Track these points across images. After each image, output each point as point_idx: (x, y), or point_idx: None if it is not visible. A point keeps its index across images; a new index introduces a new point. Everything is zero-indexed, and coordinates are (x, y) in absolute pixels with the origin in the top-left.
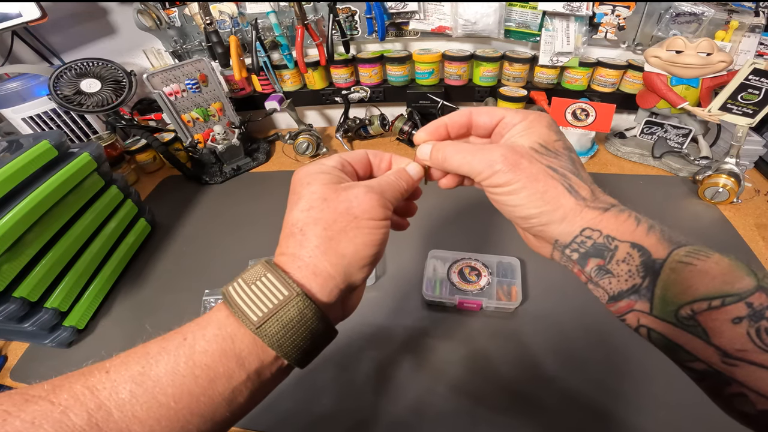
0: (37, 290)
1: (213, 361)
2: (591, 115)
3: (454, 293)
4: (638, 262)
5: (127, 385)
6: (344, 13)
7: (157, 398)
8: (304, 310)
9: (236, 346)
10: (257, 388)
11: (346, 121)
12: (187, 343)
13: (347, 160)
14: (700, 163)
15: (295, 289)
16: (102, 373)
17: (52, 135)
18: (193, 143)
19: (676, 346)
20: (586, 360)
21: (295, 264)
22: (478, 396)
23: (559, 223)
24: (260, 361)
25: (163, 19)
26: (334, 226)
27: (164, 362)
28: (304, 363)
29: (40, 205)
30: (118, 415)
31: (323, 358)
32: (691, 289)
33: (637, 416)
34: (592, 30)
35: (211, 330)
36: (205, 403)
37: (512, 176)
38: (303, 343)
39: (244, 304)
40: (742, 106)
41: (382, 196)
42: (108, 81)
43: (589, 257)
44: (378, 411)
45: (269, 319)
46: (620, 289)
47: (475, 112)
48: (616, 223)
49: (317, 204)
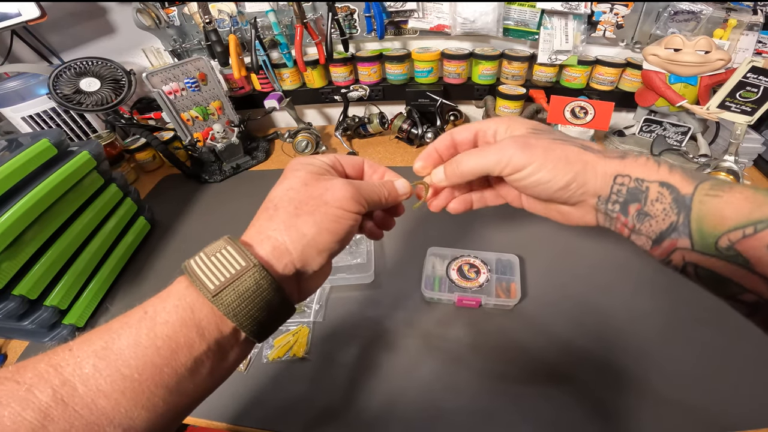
0: (36, 288)
1: (174, 331)
2: (590, 113)
3: (453, 290)
4: (670, 200)
5: (91, 359)
6: (343, 12)
7: (120, 371)
8: (260, 281)
9: (196, 316)
10: (219, 360)
11: (346, 120)
12: (148, 315)
13: (341, 161)
14: (698, 161)
15: (252, 260)
16: (65, 351)
17: (51, 133)
18: (193, 142)
19: (724, 279)
20: (585, 357)
21: (259, 237)
22: (476, 394)
23: (594, 178)
24: (219, 331)
25: (162, 18)
26: (304, 207)
27: (126, 336)
28: (261, 335)
29: (39, 203)
30: (82, 389)
31: (322, 355)
32: (723, 220)
33: (638, 413)
34: (590, 28)
35: (171, 301)
36: (169, 374)
37: (529, 153)
38: (259, 314)
39: (202, 274)
40: (740, 104)
41: (358, 192)
42: (107, 80)
43: (629, 204)
44: (376, 408)
45: (226, 288)
46: (660, 230)
47: (455, 132)
48: (638, 165)
49: (297, 186)
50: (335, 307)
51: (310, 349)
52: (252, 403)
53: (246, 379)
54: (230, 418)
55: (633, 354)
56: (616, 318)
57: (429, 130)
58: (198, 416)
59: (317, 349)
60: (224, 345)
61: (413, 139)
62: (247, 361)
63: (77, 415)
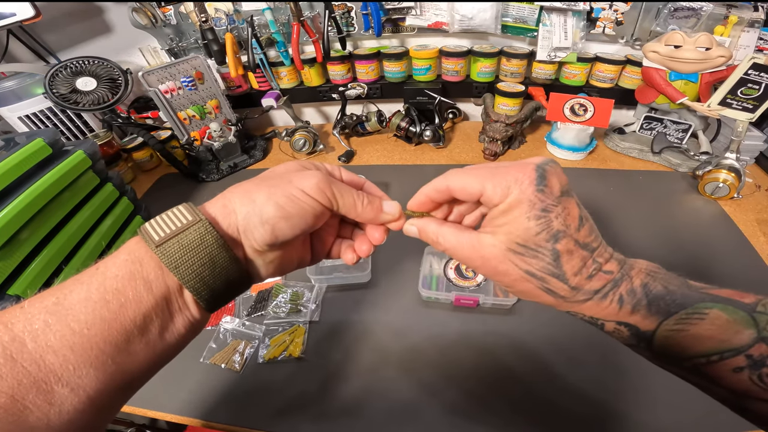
0: (32, 288)
1: (122, 285)
2: (589, 110)
3: (450, 290)
4: (628, 334)
5: (41, 315)
6: (340, 10)
7: (70, 326)
8: (205, 235)
9: (144, 269)
10: (168, 321)
11: (343, 118)
12: (99, 271)
13: (341, 170)
14: (700, 159)
15: (199, 215)
16: (17, 309)
17: (46, 133)
18: (190, 141)
19: (689, 380)
20: (583, 356)
21: (215, 199)
22: (475, 393)
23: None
24: (166, 285)
25: (158, 17)
26: (269, 181)
27: (77, 291)
28: (207, 298)
29: (34, 203)
30: (32, 345)
31: (318, 355)
32: (687, 350)
33: (636, 412)
34: (589, 25)
35: (121, 256)
36: (117, 330)
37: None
38: (202, 270)
39: (151, 230)
40: (741, 101)
41: (327, 183)
42: (104, 79)
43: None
44: (373, 407)
45: (170, 240)
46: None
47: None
48: (597, 309)
49: (278, 170)
50: (332, 307)
51: (306, 349)
52: (248, 403)
53: (242, 378)
54: (227, 419)
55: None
56: None
57: (427, 128)
58: (195, 416)
59: (313, 348)
60: (172, 302)
61: (411, 137)
62: (242, 361)
63: (25, 371)
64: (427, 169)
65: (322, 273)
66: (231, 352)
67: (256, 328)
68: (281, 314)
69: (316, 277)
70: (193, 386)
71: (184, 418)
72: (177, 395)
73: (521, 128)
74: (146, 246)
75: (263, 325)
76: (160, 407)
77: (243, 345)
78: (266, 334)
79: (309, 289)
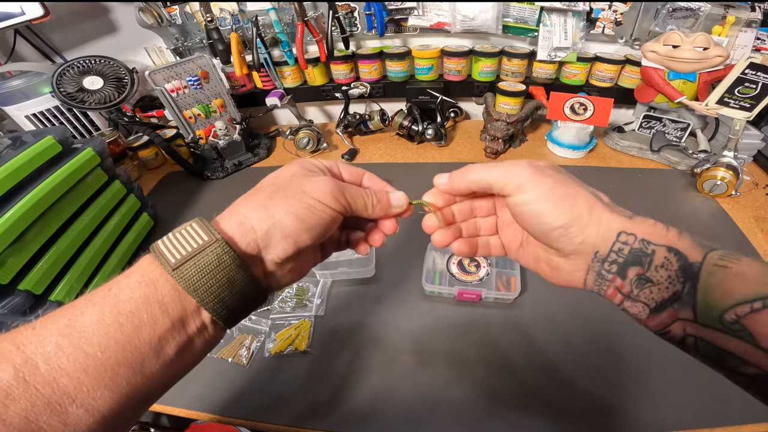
0: (41, 283)
1: (137, 308)
2: (589, 109)
3: (453, 284)
4: (677, 267)
5: (53, 338)
6: (344, 10)
7: (83, 348)
8: (223, 256)
9: (158, 292)
10: (184, 341)
11: (346, 117)
12: (112, 292)
13: (340, 167)
14: (698, 157)
15: (215, 235)
16: (29, 330)
17: (56, 131)
18: (195, 139)
19: (726, 353)
20: (585, 349)
21: (229, 215)
22: (478, 386)
23: (597, 228)
24: (183, 308)
25: (164, 17)
26: (282, 192)
27: (89, 313)
28: (226, 317)
29: (44, 200)
30: (44, 368)
31: (323, 349)
32: (731, 293)
33: (636, 405)
34: (589, 25)
35: (134, 278)
36: (132, 352)
37: (537, 179)
38: (221, 291)
39: (165, 250)
40: (739, 99)
41: (340, 190)
42: (110, 78)
43: (628, 266)
44: (377, 400)
45: (186, 262)
46: (662, 298)
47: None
48: (646, 227)
49: (284, 176)
50: (337, 301)
51: (311, 343)
52: (254, 397)
53: (248, 372)
54: (233, 412)
55: (634, 345)
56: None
57: (429, 126)
58: (202, 410)
59: (319, 342)
60: (188, 323)
61: (414, 136)
62: (249, 355)
63: (38, 393)
64: (429, 167)
65: (327, 268)
66: (238, 347)
67: (263, 322)
68: (287, 309)
69: (321, 272)
70: (200, 380)
71: (191, 411)
72: (184, 389)
73: (522, 127)
74: (161, 267)
75: (269, 320)
76: (166, 401)
77: (249, 339)
78: (272, 329)
79: (314, 284)
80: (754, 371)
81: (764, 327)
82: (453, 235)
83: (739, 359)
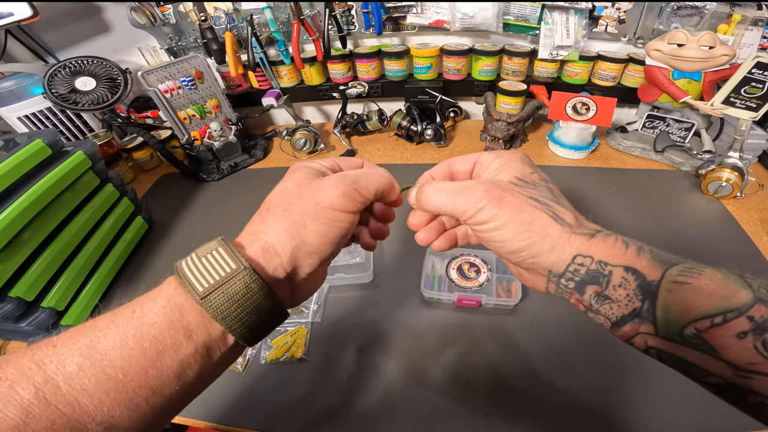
0: (33, 290)
1: (161, 333)
2: (592, 109)
3: (453, 290)
4: (634, 286)
5: (75, 358)
6: (340, 8)
7: (105, 371)
8: (251, 284)
9: (184, 318)
10: (206, 364)
11: (344, 117)
12: (136, 315)
13: (339, 164)
14: (702, 158)
15: (243, 263)
16: (49, 347)
17: (45, 134)
18: (190, 140)
19: (688, 364)
20: (587, 357)
21: (249, 239)
22: (477, 393)
23: (550, 253)
24: (208, 334)
25: (157, 16)
26: (296, 209)
27: (112, 335)
28: (251, 340)
29: (34, 204)
30: (66, 388)
31: (320, 356)
32: (691, 309)
33: (637, 415)
34: (592, 23)
35: (159, 302)
36: (154, 375)
37: (497, 210)
38: (248, 317)
39: (192, 276)
40: (745, 99)
41: (352, 187)
42: (103, 79)
43: (586, 285)
44: (375, 409)
45: (215, 291)
46: (622, 314)
47: (453, 162)
48: (605, 247)
49: (291, 188)
50: (334, 308)
51: (308, 350)
52: (250, 405)
53: (244, 380)
54: (228, 420)
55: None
56: None
57: (428, 126)
58: (196, 417)
59: (315, 350)
60: (212, 348)
61: (413, 136)
62: (245, 362)
63: (59, 413)
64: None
65: None
66: None
67: None
68: None
69: None
70: None
71: (185, 419)
72: None
73: (523, 127)
74: (186, 293)
75: None
76: None
77: None
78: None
79: None
80: (718, 381)
81: (725, 340)
82: (437, 231)
83: (702, 370)
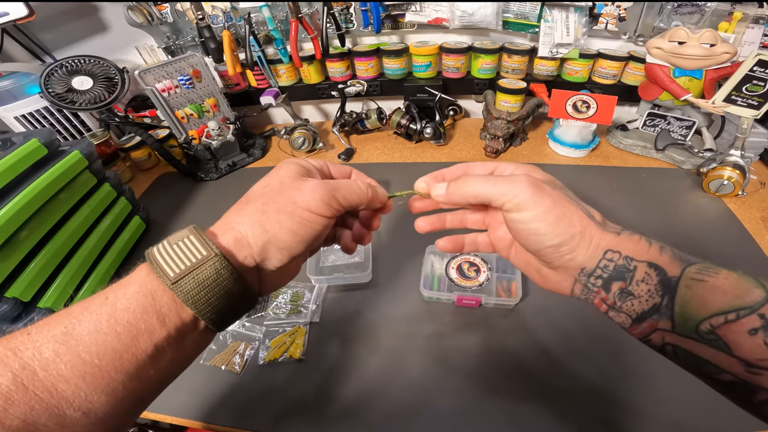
0: (29, 290)
1: (134, 317)
2: (592, 107)
3: (452, 290)
4: (656, 281)
5: (51, 344)
6: (339, 6)
7: (80, 356)
8: (221, 270)
9: (156, 303)
10: (180, 348)
11: (343, 116)
12: (109, 302)
13: (329, 166)
14: (704, 156)
15: (213, 250)
16: (24, 335)
17: (41, 133)
18: (188, 140)
19: (702, 361)
20: (587, 356)
21: (223, 228)
22: (476, 394)
23: (587, 248)
24: (180, 318)
25: (154, 15)
26: (273, 205)
27: (87, 321)
28: (220, 325)
29: (30, 204)
30: (42, 374)
31: (318, 356)
32: (707, 305)
33: (640, 413)
34: (592, 21)
35: (132, 288)
36: (129, 360)
37: (539, 199)
38: (218, 302)
39: (163, 262)
40: (746, 97)
41: (330, 194)
42: (100, 78)
43: (612, 281)
44: (374, 409)
45: (185, 276)
46: (642, 310)
47: (470, 166)
48: (631, 243)
49: (273, 184)
50: (332, 308)
51: (306, 351)
52: (248, 405)
53: (242, 380)
54: (227, 420)
55: (636, 351)
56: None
57: (428, 125)
58: (195, 418)
59: (314, 350)
60: (184, 332)
61: (412, 135)
62: (243, 363)
63: (37, 398)
64: (427, 166)
65: (322, 273)
66: (231, 354)
67: (256, 329)
68: (281, 315)
69: (316, 278)
70: (193, 388)
71: (183, 420)
72: (177, 397)
73: (523, 125)
74: (158, 279)
75: (263, 327)
76: (159, 409)
77: (243, 346)
78: (266, 336)
79: (309, 289)
80: (730, 378)
81: (738, 336)
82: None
83: (715, 367)
